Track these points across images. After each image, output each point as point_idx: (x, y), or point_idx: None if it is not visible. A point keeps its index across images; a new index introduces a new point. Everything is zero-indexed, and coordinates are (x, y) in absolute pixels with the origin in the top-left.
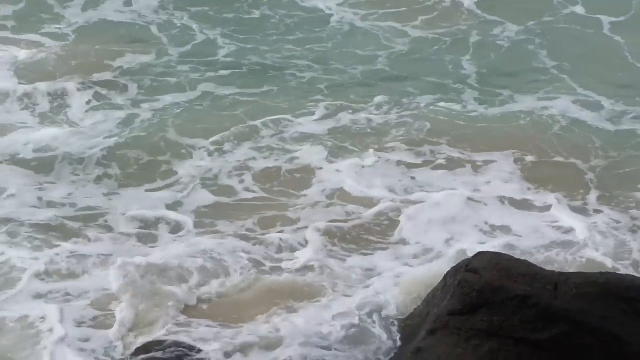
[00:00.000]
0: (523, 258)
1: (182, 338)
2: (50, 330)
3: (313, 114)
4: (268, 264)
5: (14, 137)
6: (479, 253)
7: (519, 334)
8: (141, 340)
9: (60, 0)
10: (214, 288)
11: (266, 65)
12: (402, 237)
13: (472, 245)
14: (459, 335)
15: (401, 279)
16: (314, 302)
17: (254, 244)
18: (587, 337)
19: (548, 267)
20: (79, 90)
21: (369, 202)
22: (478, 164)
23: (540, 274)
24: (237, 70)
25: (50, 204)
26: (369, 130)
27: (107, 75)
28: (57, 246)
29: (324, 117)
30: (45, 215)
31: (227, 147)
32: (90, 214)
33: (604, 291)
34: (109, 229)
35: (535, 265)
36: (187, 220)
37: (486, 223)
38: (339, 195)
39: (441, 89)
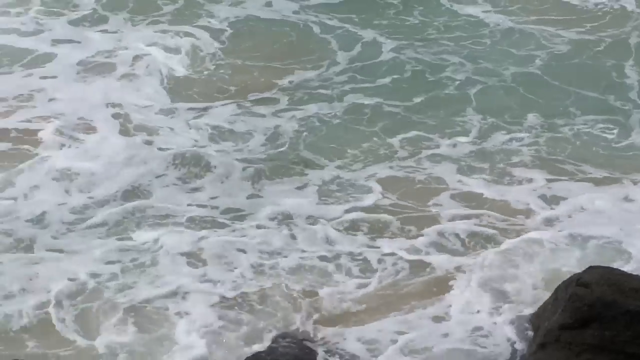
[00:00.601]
0: None
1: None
2: (186, 313)
3: (459, 133)
4: (401, 268)
5: (160, 139)
6: (590, 267)
7: (631, 349)
8: (272, 335)
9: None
10: (349, 291)
11: (424, 66)
12: (546, 243)
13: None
14: (569, 349)
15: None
16: (440, 305)
17: (383, 250)
18: None
19: None
20: (225, 99)
21: (511, 212)
22: (630, 181)
23: None
24: (395, 77)
25: (196, 201)
26: (517, 154)
27: (261, 88)
28: (203, 236)
29: (474, 137)
30: (193, 210)
31: (357, 165)
32: (236, 212)
33: None
34: (251, 225)
35: None
36: (324, 225)
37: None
38: (481, 205)
39: (604, 107)
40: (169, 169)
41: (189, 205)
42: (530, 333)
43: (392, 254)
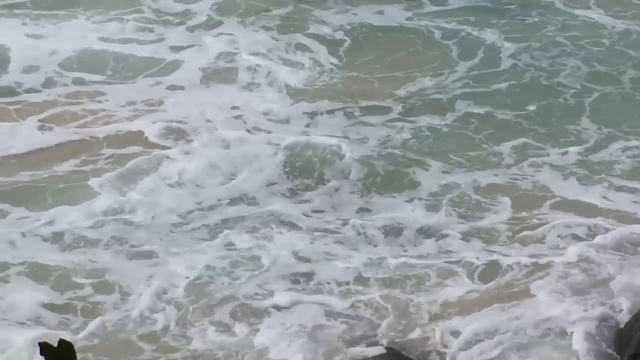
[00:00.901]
0: None
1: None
2: (288, 317)
3: (572, 143)
4: (507, 272)
5: (276, 148)
6: None
7: None
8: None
9: (321, 6)
10: (452, 298)
11: (540, 72)
12: None
13: None
14: None
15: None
16: (540, 307)
17: (488, 256)
18: None
19: None
20: (342, 109)
21: (620, 219)
22: None
23: None
24: (512, 83)
25: (305, 209)
26: (628, 163)
27: (378, 97)
28: (311, 242)
29: (586, 146)
30: (301, 217)
31: (466, 173)
32: (344, 222)
33: None
34: (359, 233)
35: None
36: (432, 234)
37: None
38: (588, 213)
39: None
40: (281, 177)
41: (297, 212)
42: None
43: (500, 259)
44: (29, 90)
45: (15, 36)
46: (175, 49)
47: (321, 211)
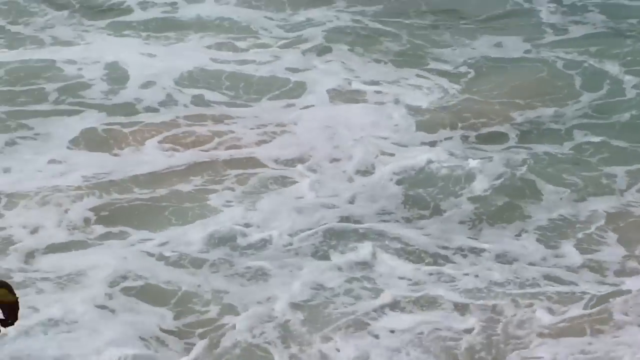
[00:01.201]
0: None
1: None
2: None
3: None
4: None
5: (399, 176)
6: None
7: None
8: None
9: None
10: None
11: None
12: None
13: None
14: None
15: None
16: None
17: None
18: None
19: None
20: (456, 133)
21: None
22: None
23: None
24: (635, 113)
25: (415, 235)
26: None
27: (496, 124)
28: (416, 268)
29: None
30: (411, 242)
31: (581, 202)
32: (455, 250)
33: None
34: (470, 263)
35: None
36: (540, 265)
37: None
38: None
39: None
40: (397, 203)
41: (409, 236)
42: None
43: (607, 289)
44: (148, 109)
45: (130, 55)
46: (293, 71)
47: (431, 236)
